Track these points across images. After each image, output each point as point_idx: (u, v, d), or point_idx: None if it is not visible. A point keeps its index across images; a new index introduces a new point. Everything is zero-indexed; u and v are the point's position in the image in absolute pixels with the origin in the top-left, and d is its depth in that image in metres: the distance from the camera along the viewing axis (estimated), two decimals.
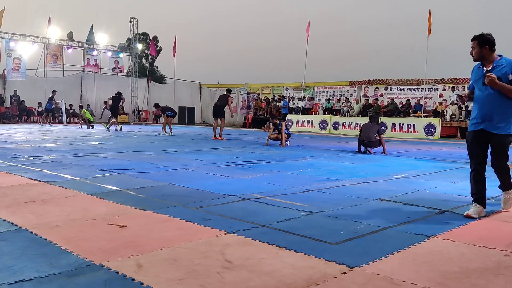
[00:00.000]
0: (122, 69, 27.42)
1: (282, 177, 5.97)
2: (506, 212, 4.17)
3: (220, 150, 10.10)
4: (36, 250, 2.76)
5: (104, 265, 2.51)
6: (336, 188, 5.24)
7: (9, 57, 21.88)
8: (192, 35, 76.98)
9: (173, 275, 2.40)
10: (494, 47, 3.92)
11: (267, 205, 4.24)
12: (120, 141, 12.04)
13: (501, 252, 2.94)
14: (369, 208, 4.20)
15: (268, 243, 2.99)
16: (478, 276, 2.49)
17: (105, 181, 5.39)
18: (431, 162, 8.54)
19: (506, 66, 3.84)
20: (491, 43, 3.90)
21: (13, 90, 23.02)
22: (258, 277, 2.40)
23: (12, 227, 3.25)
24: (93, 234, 3.13)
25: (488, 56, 3.93)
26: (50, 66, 23.86)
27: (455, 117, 19.31)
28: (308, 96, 25.41)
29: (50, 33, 23.42)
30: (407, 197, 4.76)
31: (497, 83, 3.77)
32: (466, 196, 4.91)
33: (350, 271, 2.51)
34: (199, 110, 29.73)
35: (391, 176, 6.40)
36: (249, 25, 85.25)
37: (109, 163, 7.14)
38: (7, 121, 22.13)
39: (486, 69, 3.93)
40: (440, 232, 3.37)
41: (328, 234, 3.23)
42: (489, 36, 3.92)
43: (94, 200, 4.30)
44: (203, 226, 3.39)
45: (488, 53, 3.92)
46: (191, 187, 5.07)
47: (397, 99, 22.02)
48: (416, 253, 2.87)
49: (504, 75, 3.80)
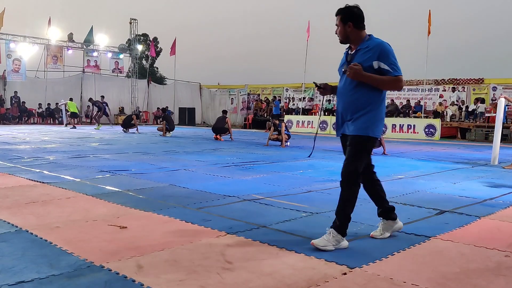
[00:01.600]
0: (122, 70, 27.43)
1: (282, 178, 5.97)
2: (506, 212, 4.17)
3: (220, 151, 10.10)
4: (37, 251, 2.76)
5: (105, 266, 2.51)
6: (336, 189, 5.21)
7: (9, 58, 21.88)
8: (193, 36, 76.96)
9: (173, 276, 2.40)
10: (361, 24, 3.04)
11: (267, 206, 4.24)
12: (120, 142, 12.05)
13: (501, 252, 2.94)
14: (369, 209, 4.19)
15: (269, 244, 2.99)
16: (479, 276, 2.49)
17: (105, 182, 5.39)
18: (431, 162, 8.54)
19: (372, 49, 2.97)
20: (357, 18, 3.03)
21: (14, 91, 23.03)
22: (258, 278, 2.40)
23: (12, 228, 3.25)
24: (94, 235, 3.13)
25: (354, 36, 3.05)
26: (50, 67, 23.88)
27: (455, 118, 19.32)
28: (308, 97, 25.42)
29: (50, 34, 23.46)
30: (407, 198, 4.75)
31: (363, 75, 2.94)
32: (467, 196, 4.91)
33: (351, 272, 2.51)
34: (199, 111, 29.73)
35: (391, 176, 6.40)
36: (249, 25, 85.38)
37: (109, 164, 7.14)
38: (7, 122, 22.13)
39: (350, 53, 3.10)
40: (441, 232, 3.37)
41: None
42: (355, 9, 3.04)
43: (94, 201, 4.31)
44: (204, 227, 3.39)
45: (354, 32, 3.04)
46: (191, 188, 5.06)
47: (397, 99, 22.01)
48: (417, 254, 2.87)
49: (367, 60, 2.95)
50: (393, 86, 3.02)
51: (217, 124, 14.27)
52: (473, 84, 21.11)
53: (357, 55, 3.02)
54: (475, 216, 3.97)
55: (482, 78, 20.94)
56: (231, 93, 28.91)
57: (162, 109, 19.75)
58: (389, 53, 2.97)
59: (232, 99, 28.42)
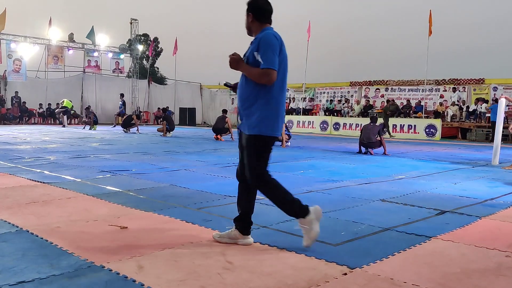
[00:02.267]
0: (123, 70, 27.45)
1: (283, 178, 5.93)
2: (507, 212, 4.17)
3: (221, 151, 10.10)
4: (37, 251, 2.76)
5: (105, 266, 2.51)
6: (337, 189, 5.24)
7: (10, 59, 21.89)
8: (193, 36, 77.05)
9: (174, 276, 2.40)
10: (262, 17, 2.95)
11: (268, 206, 4.23)
12: (120, 142, 12.05)
13: (502, 253, 2.93)
14: (370, 209, 4.19)
15: (269, 244, 2.99)
16: (479, 277, 2.49)
17: (106, 182, 5.39)
18: (432, 163, 8.54)
19: (256, 40, 2.89)
20: (257, 10, 2.95)
21: (14, 92, 23.04)
22: (259, 278, 2.40)
23: (13, 228, 3.26)
24: (94, 235, 3.13)
25: (254, 27, 2.98)
26: (51, 68, 23.89)
27: (456, 118, 19.31)
28: (308, 97, 25.42)
29: (51, 34, 23.46)
30: (408, 198, 4.75)
31: (240, 65, 2.88)
32: (467, 197, 4.91)
33: (351, 272, 2.51)
34: (200, 111, 29.73)
35: (392, 177, 6.40)
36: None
37: (110, 164, 7.14)
38: (8, 123, 22.14)
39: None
40: (441, 233, 3.37)
41: (329, 235, 3.22)
42: (260, 2, 2.96)
43: (95, 201, 4.31)
44: (204, 227, 3.39)
45: (254, 23, 2.97)
46: (192, 188, 5.07)
47: (397, 99, 22.01)
48: (417, 254, 2.87)
49: (251, 52, 2.88)
50: (261, 79, 2.81)
51: (217, 124, 14.27)
52: (473, 84, 21.10)
53: (249, 47, 2.95)
54: (476, 216, 3.97)
55: (482, 78, 20.93)
56: (232, 93, 28.90)
57: (162, 109, 19.79)
58: (267, 44, 2.82)
59: (233, 99, 28.41)
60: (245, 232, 3.01)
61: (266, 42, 2.83)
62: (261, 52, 2.80)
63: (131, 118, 17.79)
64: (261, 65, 2.79)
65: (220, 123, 14.17)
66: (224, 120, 14.10)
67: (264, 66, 2.77)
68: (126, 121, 17.85)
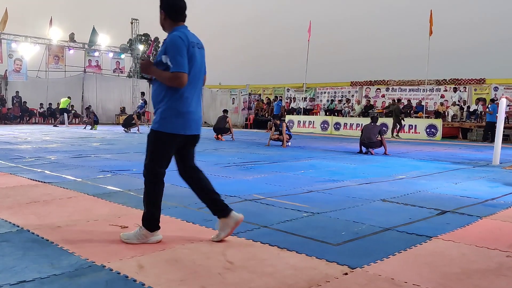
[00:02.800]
0: (124, 70, 27.46)
1: (283, 178, 5.97)
2: (508, 212, 4.17)
3: (222, 151, 10.11)
4: (38, 251, 2.76)
5: (106, 266, 2.51)
6: (337, 189, 5.24)
7: (11, 58, 21.89)
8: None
9: (174, 276, 2.40)
10: (174, 15, 2.92)
11: (268, 206, 4.24)
12: (121, 142, 12.05)
13: (503, 253, 2.93)
14: (370, 209, 4.19)
15: (270, 244, 2.99)
16: (480, 277, 2.49)
17: (106, 182, 5.39)
18: (433, 162, 8.53)
19: (164, 42, 2.89)
20: (169, 8, 2.91)
21: (15, 91, 23.05)
22: (259, 278, 2.40)
23: (13, 228, 3.26)
24: (95, 235, 3.13)
25: (166, 25, 2.94)
26: (51, 67, 23.89)
27: (457, 118, 19.30)
28: (309, 97, 25.41)
29: (52, 34, 23.45)
30: (408, 198, 4.75)
31: (151, 70, 2.89)
32: (468, 197, 4.91)
33: (352, 272, 2.51)
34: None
35: (393, 177, 6.40)
36: (250, 25, 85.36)
37: (110, 164, 7.14)
38: (8, 122, 22.15)
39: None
40: (442, 233, 3.37)
41: (330, 235, 3.22)
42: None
43: (95, 201, 4.31)
44: (205, 227, 3.39)
45: (166, 21, 2.93)
46: None
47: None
48: (418, 254, 2.87)
49: (160, 54, 2.87)
50: (172, 83, 2.80)
51: (218, 124, 14.28)
52: (474, 84, 21.10)
53: (160, 48, 2.92)
54: (477, 216, 3.97)
55: (483, 78, 20.92)
56: (232, 93, 28.88)
57: None
58: (173, 47, 2.79)
59: (234, 99, 28.41)
60: (226, 214, 3.01)
61: (172, 45, 2.81)
62: (169, 55, 2.80)
63: (132, 118, 17.80)
64: (170, 69, 2.79)
65: (221, 123, 14.18)
66: (225, 120, 14.11)
67: (173, 70, 2.77)
68: (126, 120, 17.86)
